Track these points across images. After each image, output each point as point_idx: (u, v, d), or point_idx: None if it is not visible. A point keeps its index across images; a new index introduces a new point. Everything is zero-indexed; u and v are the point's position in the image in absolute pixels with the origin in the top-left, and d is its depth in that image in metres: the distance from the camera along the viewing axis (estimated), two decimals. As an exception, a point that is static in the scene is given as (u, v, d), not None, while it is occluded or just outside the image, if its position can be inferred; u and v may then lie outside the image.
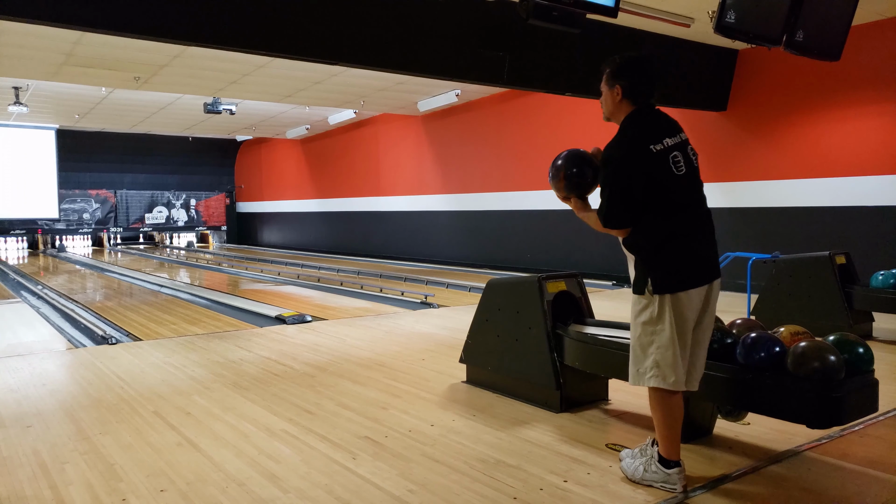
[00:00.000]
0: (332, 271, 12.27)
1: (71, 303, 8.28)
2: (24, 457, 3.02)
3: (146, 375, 4.52)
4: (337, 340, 5.70)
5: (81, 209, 20.91)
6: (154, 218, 22.26)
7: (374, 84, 11.27)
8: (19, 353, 5.33)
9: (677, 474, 2.56)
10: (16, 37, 8.02)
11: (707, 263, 2.58)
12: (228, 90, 11.68)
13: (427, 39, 5.93)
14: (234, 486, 2.67)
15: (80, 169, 20.57)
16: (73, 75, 10.10)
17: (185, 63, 9.46)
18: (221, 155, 22.93)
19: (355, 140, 16.75)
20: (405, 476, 2.76)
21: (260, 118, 16.15)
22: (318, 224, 18.68)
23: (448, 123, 13.55)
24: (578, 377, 3.60)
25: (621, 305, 7.44)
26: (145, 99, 13.38)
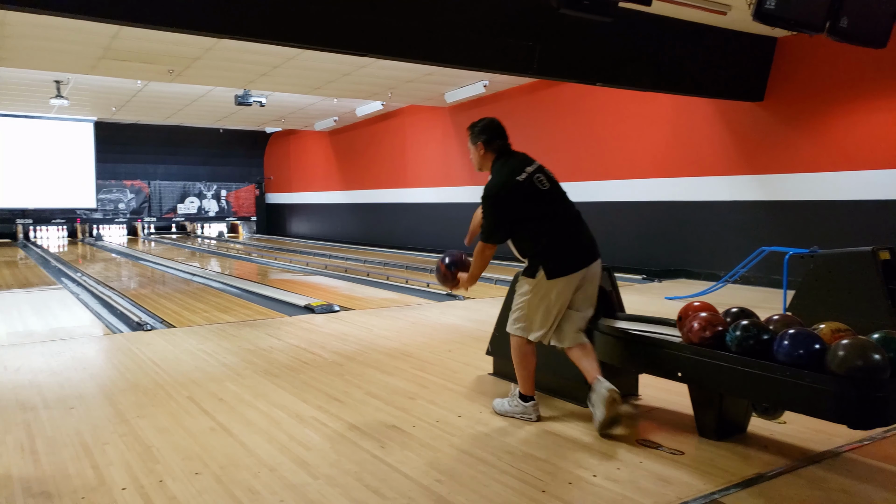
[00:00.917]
0: (358, 262, 12.35)
1: (108, 290, 8.46)
2: (67, 437, 3.11)
3: (180, 361, 4.61)
4: (364, 330, 5.74)
5: (117, 199, 21.34)
6: (186, 208, 22.61)
7: (401, 75, 11.28)
8: (61, 337, 5.48)
9: (532, 406, 3.31)
10: (58, 31, 8.19)
11: (581, 253, 3.28)
12: (259, 82, 11.79)
13: (456, 30, 5.91)
14: (266, 472, 2.71)
15: (115, 160, 20.98)
16: (110, 69, 10.29)
17: (217, 56, 9.58)
18: (251, 146, 23.19)
19: (382, 132, 16.80)
20: (433, 466, 2.78)
21: (289, 110, 16.28)
22: (345, 215, 18.80)
23: (475, 114, 13.32)
24: (608, 372, 3.55)
25: (651, 300, 7.37)
26: (178, 91, 13.58)
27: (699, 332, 2.98)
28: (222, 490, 2.54)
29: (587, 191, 11.08)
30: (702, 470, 2.73)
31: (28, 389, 3.91)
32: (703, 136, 9.26)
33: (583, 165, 11.15)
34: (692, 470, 2.73)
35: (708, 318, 3.00)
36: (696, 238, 9.43)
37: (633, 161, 10.30)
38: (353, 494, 2.51)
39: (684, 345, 3.05)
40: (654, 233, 10.03)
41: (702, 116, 9.23)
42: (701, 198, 9.34)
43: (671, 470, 2.74)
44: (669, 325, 3.45)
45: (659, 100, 9.65)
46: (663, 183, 9.85)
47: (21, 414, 3.46)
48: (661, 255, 9.89)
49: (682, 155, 9.55)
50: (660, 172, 9.88)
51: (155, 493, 2.51)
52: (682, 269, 9.53)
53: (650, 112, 9.94)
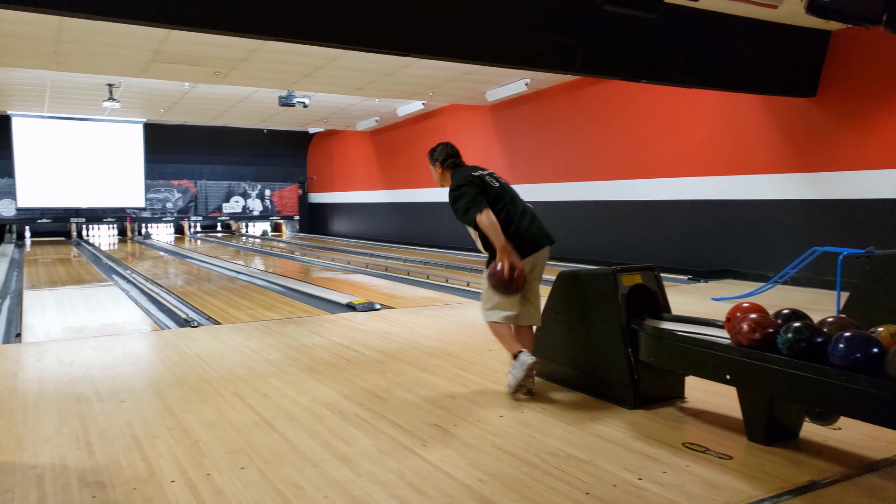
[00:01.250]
0: (398, 261, 12.42)
1: (156, 287, 8.69)
2: (118, 429, 3.20)
3: (226, 358, 4.70)
4: (405, 328, 5.76)
5: (165, 199, 21.90)
6: (231, 207, 23.07)
7: (442, 74, 11.30)
8: (112, 332, 5.65)
9: (523, 357, 3.60)
10: (112, 37, 8.45)
11: (532, 241, 3.77)
12: (302, 83, 11.96)
13: (497, 27, 5.89)
14: (310, 467, 2.74)
15: (163, 160, 21.54)
16: (159, 71, 10.57)
17: (262, 57, 9.75)
18: (294, 147, 23.53)
19: (423, 131, 16.85)
20: (475, 465, 2.77)
21: (331, 110, 16.47)
22: (386, 214, 18.92)
23: (516, 113, 13.44)
24: (653, 373, 3.51)
25: (697, 301, 7.22)
26: (224, 93, 13.87)
27: (749, 334, 2.90)
28: (267, 484, 2.58)
29: (631, 189, 10.93)
30: (751, 476, 2.66)
31: (82, 383, 4.04)
32: (752, 133, 9.03)
33: (627, 164, 10.99)
34: (741, 475, 2.66)
35: (758, 319, 2.91)
36: (744, 238, 9.21)
37: (678, 159, 10.11)
38: (396, 492, 2.52)
39: (733, 347, 2.98)
40: (700, 232, 9.83)
41: (750, 113, 9.00)
42: (749, 196, 9.11)
43: (719, 474, 2.67)
44: (717, 326, 3.37)
45: (705, 96, 9.45)
46: (710, 181, 9.64)
47: (76, 406, 3.57)
48: (707, 255, 9.68)
49: (730, 153, 9.33)
50: (706, 171, 9.68)
51: (203, 486, 2.56)
52: (729, 270, 9.31)
53: (696, 109, 9.74)
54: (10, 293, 8.39)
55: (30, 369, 4.41)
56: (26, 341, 5.42)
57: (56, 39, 8.59)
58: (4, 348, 5.13)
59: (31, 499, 2.47)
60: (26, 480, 2.62)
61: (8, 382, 4.08)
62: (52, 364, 4.52)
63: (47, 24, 7.92)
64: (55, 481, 2.61)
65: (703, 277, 9.17)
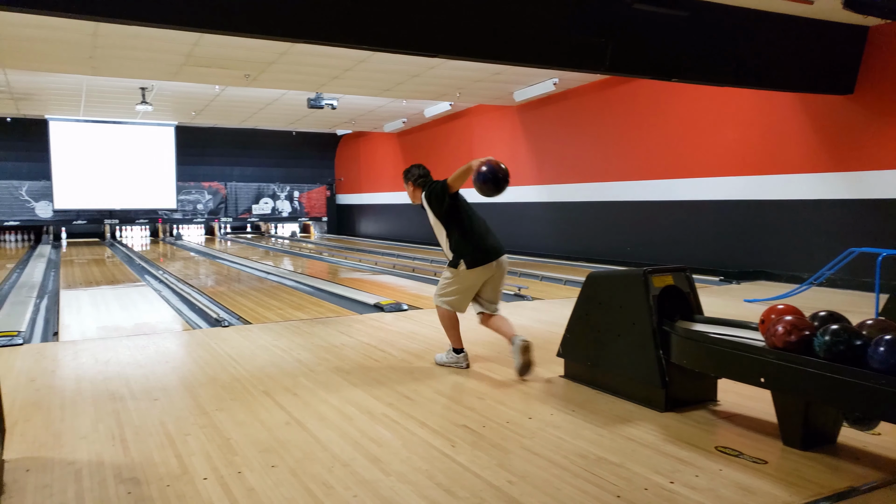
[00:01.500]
0: (425, 262, 12.43)
1: (187, 287, 8.82)
2: (152, 427, 3.26)
3: (256, 357, 4.75)
4: (432, 329, 5.76)
5: (196, 200, 22.24)
6: (260, 209, 23.34)
7: (470, 75, 11.29)
8: (145, 332, 5.75)
9: (462, 357, 4.42)
10: (144, 41, 8.62)
11: (490, 252, 4.29)
12: (330, 85, 12.05)
13: (526, 27, 5.86)
14: (339, 466, 2.76)
15: (194, 162, 21.88)
16: (191, 75, 10.74)
17: (291, 60, 9.84)
18: (322, 148, 23.73)
19: (450, 132, 16.86)
20: (504, 467, 2.76)
21: (359, 112, 16.56)
22: (413, 216, 18.94)
23: (544, 113, 13.38)
24: (684, 376, 3.46)
25: (730, 302, 7.11)
26: (254, 95, 14.04)
27: (784, 337, 2.84)
28: (297, 483, 2.59)
29: (661, 190, 10.80)
30: (787, 481, 2.61)
31: (117, 381, 4.12)
32: (786, 132, 8.86)
33: (657, 163, 10.87)
34: (776, 480, 2.61)
35: (793, 321, 2.86)
36: (778, 238, 9.04)
37: (709, 158, 9.97)
38: (425, 492, 2.52)
39: (768, 349, 2.92)
40: (733, 233, 9.67)
41: (784, 111, 8.84)
42: (783, 196, 8.94)
43: (753, 479, 2.62)
44: (750, 328, 3.31)
45: (738, 95, 9.30)
46: (742, 181, 9.48)
47: (111, 404, 3.64)
48: (739, 256, 9.53)
49: (763, 152, 9.17)
50: (738, 170, 9.52)
51: (234, 483, 2.59)
52: (762, 271, 9.15)
53: (728, 107, 9.59)
54: (47, 293, 8.58)
55: (67, 367, 4.51)
56: (63, 340, 5.54)
57: (92, 45, 8.78)
58: (43, 346, 5.25)
59: (69, 494, 2.52)
60: (65, 476, 2.68)
61: (46, 380, 4.17)
62: (87, 362, 4.62)
63: (84, 30, 8.10)
64: (92, 477, 2.66)
65: (734, 279, 9.02)
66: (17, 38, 8.53)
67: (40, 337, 5.76)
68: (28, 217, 19.75)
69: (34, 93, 14.04)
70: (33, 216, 19.82)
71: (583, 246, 12.45)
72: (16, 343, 5.23)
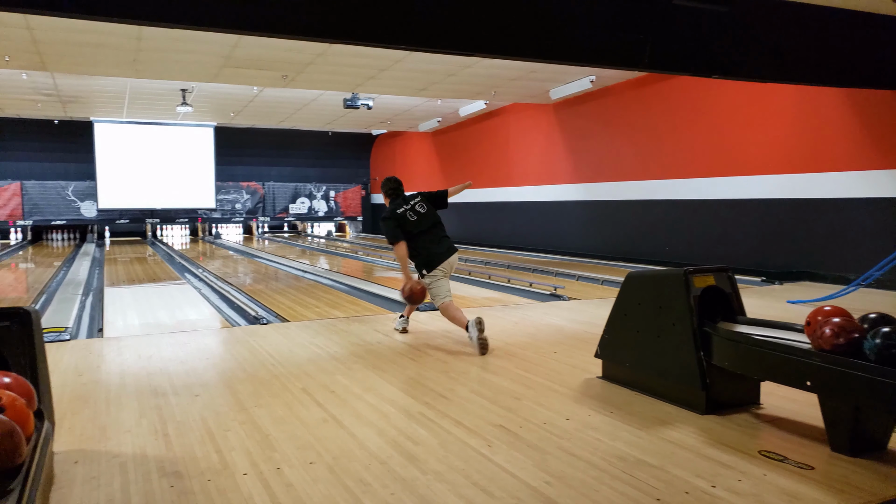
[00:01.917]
0: (459, 261, 12.40)
1: (226, 285, 8.98)
2: (193, 422, 3.32)
3: (294, 354, 4.81)
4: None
5: (234, 200, 22.62)
6: (297, 208, 23.62)
7: (506, 73, 11.25)
8: (186, 329, 5.87)
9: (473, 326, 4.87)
10: (186, 44, 8.80)
11: (435, 260, 5.18)
12: (366, 85, 12.14)
13: (563, 25, 5.80)
14: (377, 464, 2.77)
15: (233, 163, 22.26)
16: (230, 76, 10.93)
17: (328, 60, 9.94)
18: (358, 148, 23.92)
19: (485, 131, 16.83)
20: (541, 468, 2.74)
21: (395, 112, 16.65)
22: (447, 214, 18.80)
23: (581, 110, 13.26)
24: (726, 378, 3.39)
25: (772, 303, 6.95)
26: (291, 96, 14.22)
27: (831, 339, 2.77)
28: (335, 480, 2.61)
29: (701, 188, 10.62)
30: (835, 487, 2.53)
31: (159, 377, 4.21)
32: (832, 128, 8.62)
33: (696, 162, 10.68)
34: (823, 486, 2.54)
35: (842, 323, 2.78)
36: (823, 238, 8.80)
37: (751, 156, 9.76)
38: (462, 491, 2.51)
39: (814, 352, 2.85)
40: (775, 232, 9.45)
41: (830, 107, 8.60)
42: (828, 194, 8.70)
43: (799, 485, 2.56)
44: (795, 330, 3.23)
45: (780, 91, 9.08)
46: (785, 179, 9.26)
47: (154, 399, 3.72)
48: (782, 256, 9.31)
49: (807, 149, 8.94)
50: (781, 168, 9.30)
51: (273, 479, 2.62)
52: (806, 272, 8.93)
53: (770, 103, 9.38)
54: (92, 290, 8.82)
55: (111, 363, 4.63)
56: (108, 336, 5.69)
57: (136, 48, 8.99)
58: (89, 342, 5.40)
59: (115, 486, 2.58)
60: (111, 468, 2.75)
61: (92, 375, 4.28)
62: (131, 358, 4.73)
63: (128, 34, 8.30)
64: (136, 470, 2.72)
65: (777, 279, 8.82)
66: (65, 43, 8.79)
67: (86, 333, 5.92)
68: (74, 216, 20.32)
69: (80, 96, 14.45)
70: (79, 216, 20.39)
71: (620, 245, 12.30)
72: (63, 339, 5.38)
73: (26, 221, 19.71)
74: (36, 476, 1.97)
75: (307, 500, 2.45)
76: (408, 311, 5.65)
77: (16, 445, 1.89)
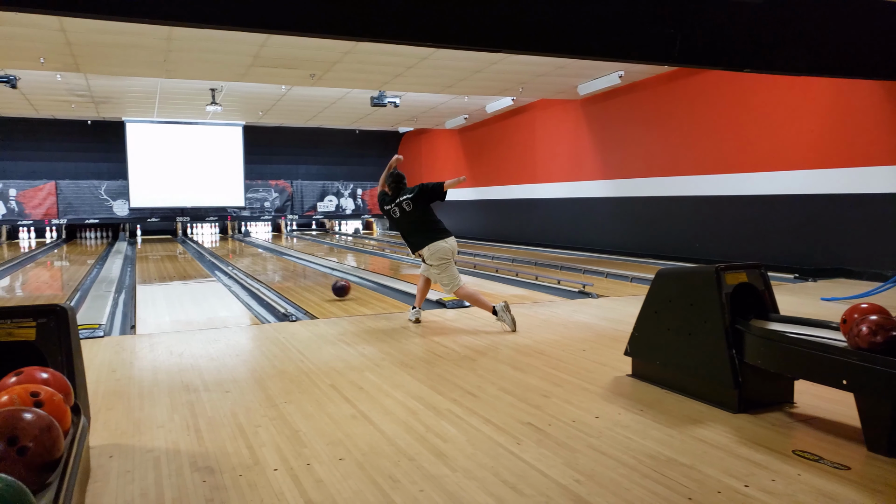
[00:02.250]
0: (486, 258, 12.41)
1: (255, 282, 9.08)
2: (224, 418, 3.36)
3: (322, 351, 4.84)
4: (494, 326, 5.74)
5: (263, 198, 22.87)
6: (325, 206, 23.81)
7: (533, 70, 11.19)
8: (216, 326, 5.94)
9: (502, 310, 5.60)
10: (215, 43, 8.91)
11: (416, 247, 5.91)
12: (393, 83, 12.17)
13: (591, 19, 5.75)
14: (406, 461, 2.78)
15: (261, 161, 22.50)
16: (258, 75, 11.04)
17: (355, 59, 9.98)
18: (385, 146, 23.99)
19: (512, 127, 16.76)
20: (571, 466, 2.72)
21: (421, 109, 16.67)
22: (474, 212, 18.96)
23: (609, 106, 13.13)
24: (759, 376, 3.33)
25: (806, 301, 6.82)
26: (318, 95, 14.32)
27: (868, 337, 2.70)
28: (364, 476, 2.63)
29: (732, 184, 10.45)
30: (872, 488, 2.47)
31: (191, 373, 4.27)
32: (869, 122, 8.42)
33: (727, 157, 10.52)
34: (860, 487, 2.48)
35: (879, 321, 2.71)
36: (858, 234, 8.60)
37: (784, 151, 9.57)
38: (491, 489, 2.51)
39: (851, 350, 2.79)
40: (808, 228, 9.27)
41: (867, 100, 8.40)
42: (864, 190, 8.50)
43: (835, 485, 2.50)
44: (830, 328, 3.17)
45: (814, 84, 8.90)
46: (819, 174, 9.07)
47: (186, 395, 3.78)
48: (815, 253, 9.12)
49: (842, 143, 8.74)
50: (815, 163, 9.11)
51: (303, 475, 2.65)
52: (840, 268, 8.74)
53: (804, 97, 9.19)
54: (124, 287, 8.99)
55: (144, 359, 4.71)
56: (140, 332, 5.79)
57: (166, 49, 9.14)
58: (122, 339, 5.50)
59: (149, 480, 2.63)
60: (144, 463, 2.80)
61: (126, 371, 4.37)
62: (163, 354, 4.81)
63: (158, 35, 8.43)
64: (169, 465, 2.77)
65: (811, 276, 8.64)
66: (98, 44, 8.96)
67: (119, 329, 6.03)
68: (106, 215, 20.73)
69: (112, 96, 14.73)
70: (111, 214, 20.80)
71: (649, 242, 12.17)
72: (97, 335, 5.49)
73: (61, 220, 20.17)
74: (73, 470, 2.02)
75: (337, 495, 2.47)
76: (418, 301, 6.07)
77: (54, 440, 1.94)
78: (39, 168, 20.09)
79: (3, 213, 19.55)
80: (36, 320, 2.69)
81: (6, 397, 2.11)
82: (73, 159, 20.47)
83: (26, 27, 8.15)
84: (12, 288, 9.58)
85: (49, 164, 20.18)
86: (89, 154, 20.56)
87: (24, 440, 1.84)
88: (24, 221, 19.78)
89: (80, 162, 20.56)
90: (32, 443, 1.85)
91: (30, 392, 2.15)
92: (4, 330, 2.65)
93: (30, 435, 1.86)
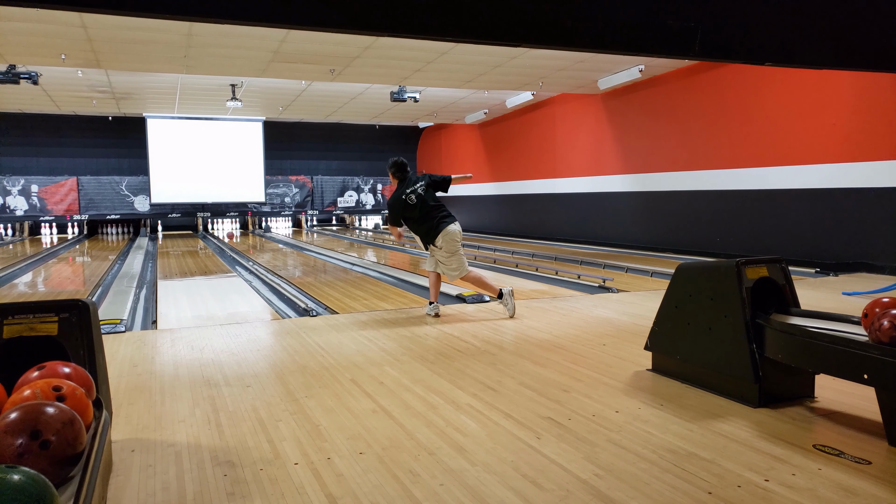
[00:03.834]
0: (506, 253, 12.39)
1: (276, 277, 9.16)
2: (245, 412, 3.41)
3: (343, 346, 4.88)
4: (514, 321, 5.75)
5: (283, 193, 23.02)
6: (345, 202, 23.90)
7: (553, 64, 11.14)
8: (237, 321, 6.01)
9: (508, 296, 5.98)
10: (235, 39, 8.97)
11: (426, 236, 6.07)
12: (413, 78, 12.17)
13: (611, 13, 5.70)
14: (426, 455, 2.80)
15: (281, 157, 22.65)
16: (278, 71, 11.10)
17: (375, 54, 10.00)
18: (404, 142, 24.03)
19: (532, 122, 16.69)
20: (591, 460, 2.72)
21: (441, 104, 16.66)
22: (494, 207, 18.93)
23: (630, 100, 13.03)
24: (779, 371, 3.31)
25: (827, 295, 6.74)
26: (338, 90, 14.37)
27: (890, 331, 2.67)
28: (385, 470, 2.65)
29: (753, 178, 10.33)
30: (894, 483, 2.45)
31: (211, 367, 4.33)
32: (891, 116, 8.26)
33: (748, 151, 10.39)
34: (882, 482, 2.46)
35: (903, 316, 2.67)
36: (880, 228, 8.46)
37: (805, 145, 9.44)
38: (511, 483, 2.52)
39: (872, 344, 2.75)
40: (829, 222, 9.14)
41: (889, 94, 8.24)
42: (886, 184, 8.35)
43: (856, 480, 2.48)
44: (851, 322, 3.14)
45: (836, 77, 8.75)
46: (841, 168, 8.93)
47: (207, 390, 3.83)
48: (836, 247, 8.99)
49: (864, 137, 8.60)
50: (837, 157, 8.97)
51: (324, 469, 2.68)
52: (862, 263, 8.61)
53: (825, 91, 9.04)
54: (146, 283, 9.12)
55: (165, 354, 4.78)
56: (161, 327, 5.87)
57: (186, 44, 9.22)
58: (143, 334, 5.59)
59: (170, 474, 2.67)
60: (166, 457, 2.84)
61: (147, 366, 4.44)
62: (184, 349, 4.88)
63: (178, 31, 8.51)
64: (191, 459, 2.81)
65: (832, 271, 8.53)
66: (119, 40, 9.07)
67: (140, 325, 6.12)
68: (128, 211, 20.98)
69: (133, 92, 14.90)
70: (132, 210, 21.05)
71: (670, 237, 12.07)
72: (119, 330, 5.58)
73: (82, 216, 20.44)
74: (95, 463, 2.05)
75: (357, 490, 2.49)
76: (433, 295, 6.22)
77: (76, 434, 1.97)
78: (61, 164, 20.39)
79: (25, 208, 19.87)
80: (58, 315, 2.73)
81: (29, 391, 2.14)
82: (94, 155, 20.74)
83: (47, 23, 8.27)
84: (34, 283, 9.76)
85: (70, 160, 20.47)
86: (110, 150, 20.83)
87: (47, 434, 1.87)
88: (46, 217, 20.08)
89: (101, 158, 20.83)
90: (55, 437, 1.88)
91: (52, 386, 2.18)
92: (27, 325, 2.69)
93: (52, 429, 1.89)
